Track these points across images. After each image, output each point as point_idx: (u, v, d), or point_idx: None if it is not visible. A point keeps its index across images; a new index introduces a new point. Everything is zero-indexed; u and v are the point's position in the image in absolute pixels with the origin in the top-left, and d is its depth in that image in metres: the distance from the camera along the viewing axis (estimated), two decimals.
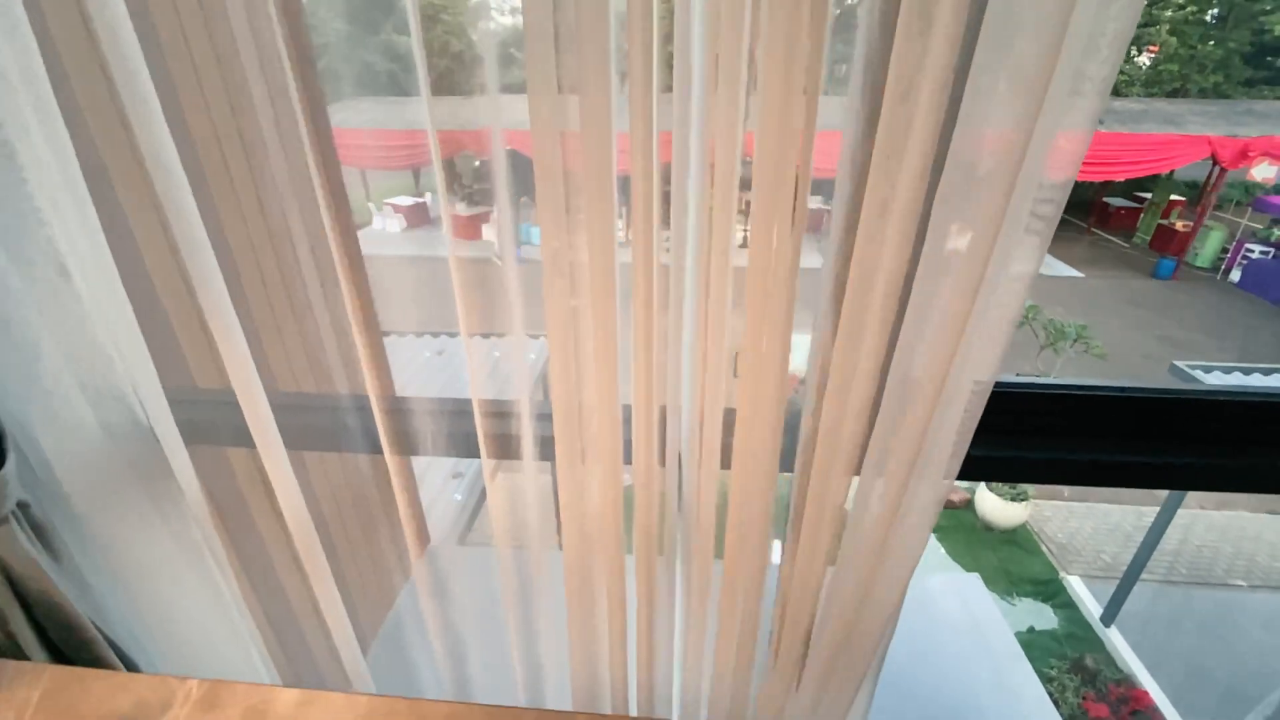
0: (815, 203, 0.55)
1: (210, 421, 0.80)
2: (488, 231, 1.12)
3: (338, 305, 0.91)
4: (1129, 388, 0.69)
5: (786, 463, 0.68)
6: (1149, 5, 11.62)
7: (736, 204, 0.55)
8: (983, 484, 5.12)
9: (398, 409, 0.74)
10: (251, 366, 0.71)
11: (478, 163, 0.87)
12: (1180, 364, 3.50)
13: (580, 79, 0.52)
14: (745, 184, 0.54)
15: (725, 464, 0.68)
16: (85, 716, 0.58)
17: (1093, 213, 11.95)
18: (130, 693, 0.60)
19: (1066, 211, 0.48)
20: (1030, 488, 5.06)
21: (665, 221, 0.58)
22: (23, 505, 0.71)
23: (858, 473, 0.67)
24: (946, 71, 0.47)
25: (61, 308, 0.70)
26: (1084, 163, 0.48)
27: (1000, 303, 0.53)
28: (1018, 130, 0.47)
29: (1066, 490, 5.46)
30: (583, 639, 0.80)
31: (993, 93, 0.48)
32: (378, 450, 0.75)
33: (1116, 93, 11.85)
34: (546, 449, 0.73)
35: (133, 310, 0.72)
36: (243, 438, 0.72)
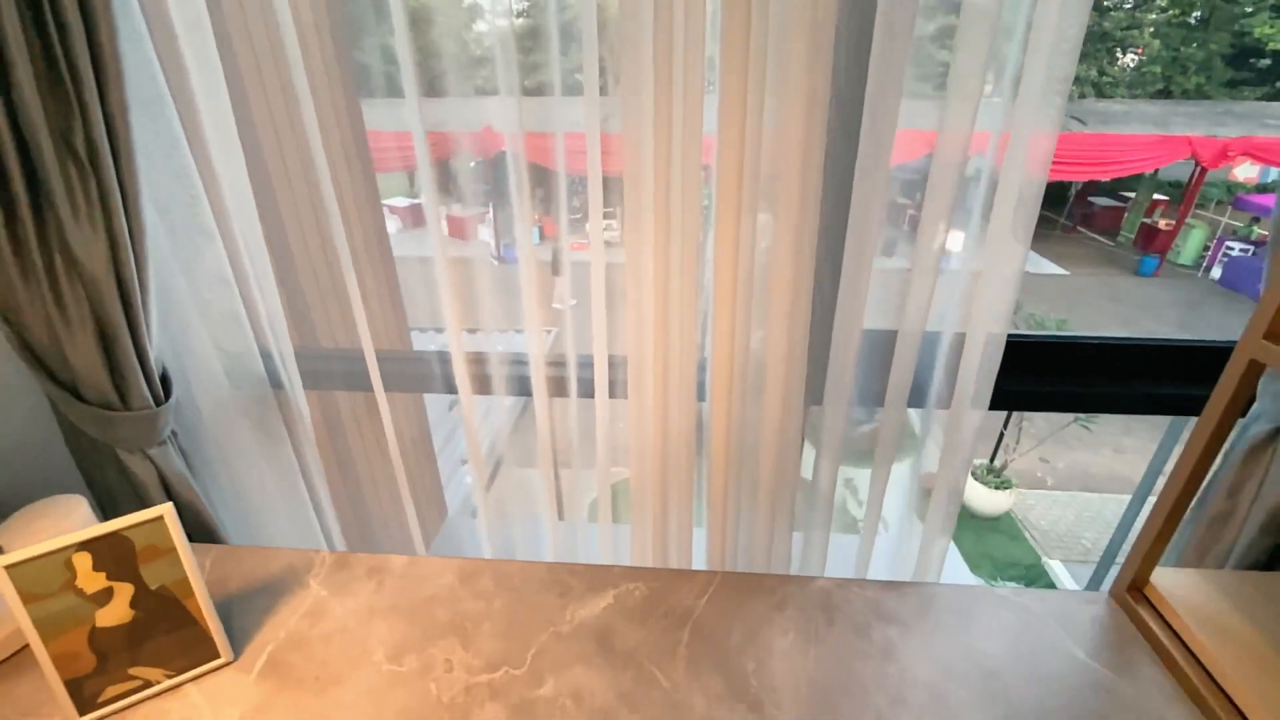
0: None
1: (326, 371, 1.01)
2: (484, 232, 1.16)
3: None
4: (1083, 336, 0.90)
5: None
6: (1133, 9, 11.89)
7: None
8: (970, 475, 5.36)
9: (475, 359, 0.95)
10: (365, 326, 0.91)
11: (473, 163, 1.03)
12: None
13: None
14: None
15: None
16: (250, 574, 0.77)
17: (1078, 212, 12.18)
18: (279, 560, 0.80)
19: (1052, 210, 0.71)
20: (1014, 477, 5.31)
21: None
22: (174, 433, 0.91)
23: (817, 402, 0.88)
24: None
25: (205, 270, 0.90)
26: (1070, 163, 0.71)
27: (1002, 272, 0.73)
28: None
29: (1050, 479, 5.71)
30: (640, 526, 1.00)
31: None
32: (453, 390, 0.95)
33: (1101, 94, 12.09)
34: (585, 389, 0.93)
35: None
36: (356, 382, 0.93)
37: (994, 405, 0.85)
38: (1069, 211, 12.08)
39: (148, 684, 0.63)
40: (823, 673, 0.65)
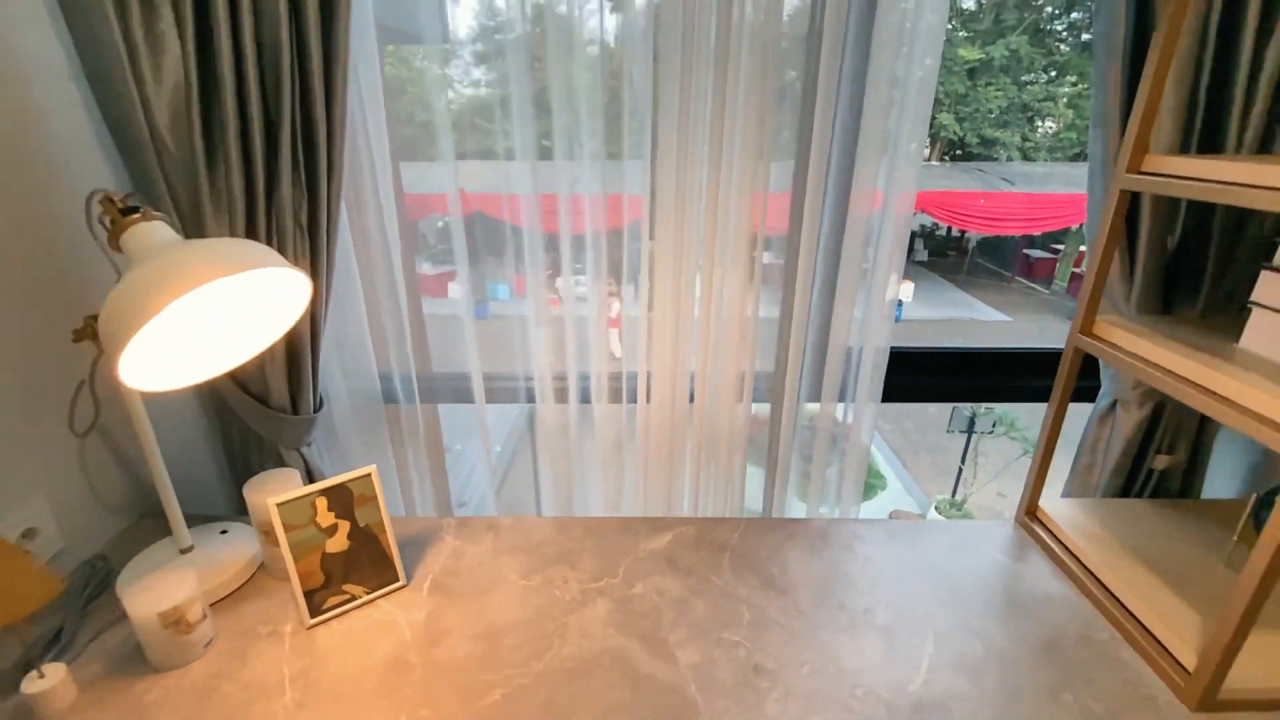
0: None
1: (435, 389, 1.29)
2: (454, 289, 1.25)
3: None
4: (962, 347, 1.25)
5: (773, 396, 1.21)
6: (1048, 83, 13.36)
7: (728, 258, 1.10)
8: (933, 505, 5.76)
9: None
10: (476, 351, 1.21)
11: (441, 223, 1.21)
12: None
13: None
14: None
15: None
16: (398, 533, 1.03)
17: (1016, 264, 13.23)
18: (413, 526, 1.06)
19: (995, 263, 1.07)
20: (974, 510, 5.72)
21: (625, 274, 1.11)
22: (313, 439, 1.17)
23: (816, 399, 1.21)
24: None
25: (340, 310, 1.18)
26: (1004, 220, 1.06)
27: (883, 298, 1.08)
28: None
29: (1006, 511, 6.13)
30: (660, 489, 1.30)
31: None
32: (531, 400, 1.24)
33: (1026, 157, 13.43)
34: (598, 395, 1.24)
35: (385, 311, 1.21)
36: (461, 396, 1.22)
37: (886, 399, 1.21)
38: (1010, 263, 13.11)
39: (353, 598, 0.88)
40: (825, 571, 0.94)
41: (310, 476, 1.13)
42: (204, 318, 0.79)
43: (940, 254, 14.52)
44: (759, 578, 0.93)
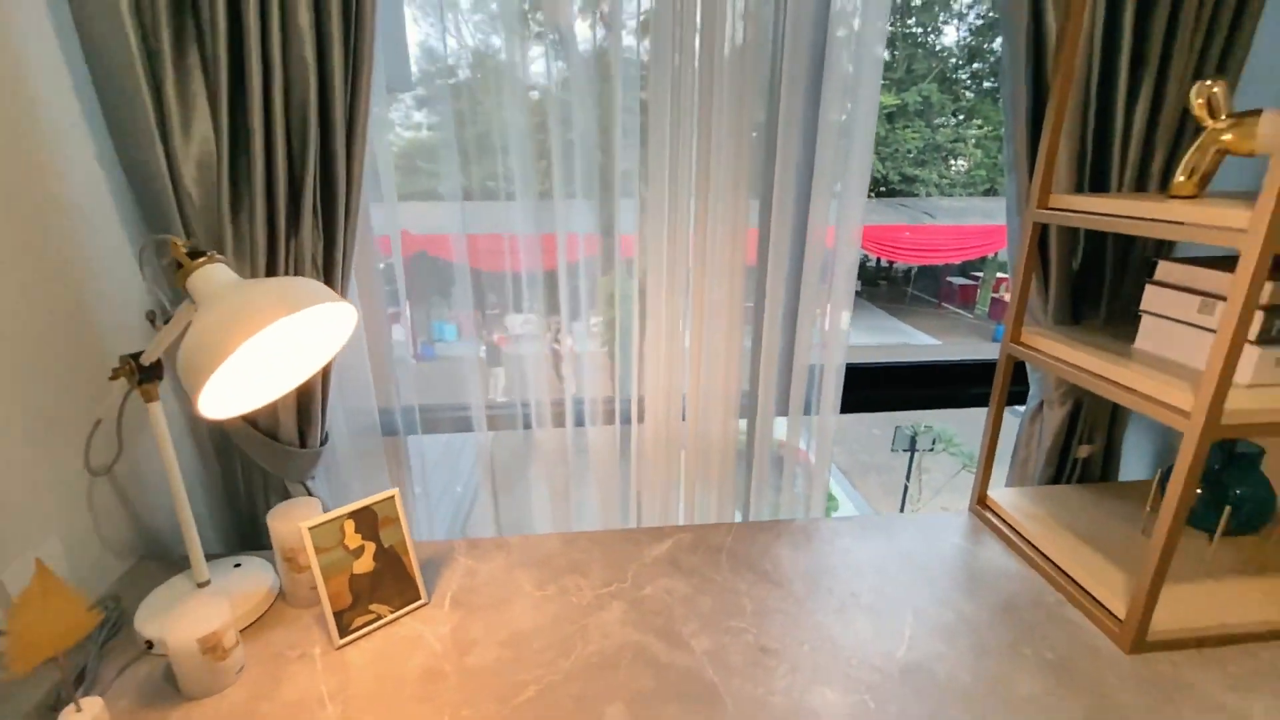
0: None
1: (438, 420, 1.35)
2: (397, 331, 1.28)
3: None
4: (908, 361, 1.41)
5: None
6: (957, 125, 14.61)
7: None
8: None
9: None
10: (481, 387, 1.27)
11: (381, 265, 1.24)
12: None
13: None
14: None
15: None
16: None
17: (942, 291, 14.15)
18: (425, 550, 1.10)
19: (923, 290, 1.21)
20: None
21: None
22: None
23: (784, 413, 1.33)
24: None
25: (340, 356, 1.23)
26: (928, 250, 1.20)
27: (839, 322, 1.22)
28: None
29: None
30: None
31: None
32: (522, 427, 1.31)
33: (943, 193, 14.56)
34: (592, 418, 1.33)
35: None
36: (461, 425, 1.28)
37: (851, 409, 1.35)
38: (936, 291, 14.00)
39: (379, 617, 0.92)
40: (812, 564, 1.05)
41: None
42: (260, 350, 0.84)
43: (872, 284, 15.38)
44: (755, 573, 1.03)
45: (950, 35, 13.36)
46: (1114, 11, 1.02)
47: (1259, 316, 0.79)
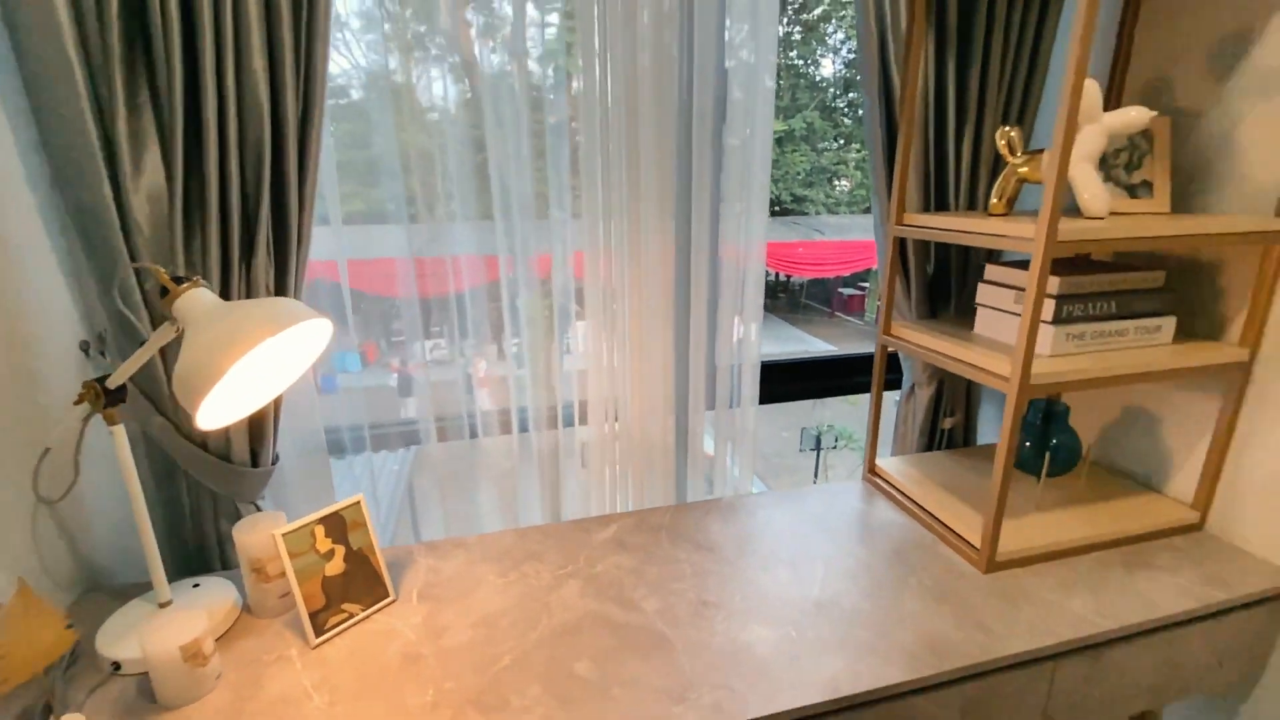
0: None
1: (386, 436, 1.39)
2: None
3: None
4: (807, 356, 1.63)
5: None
6: (839, 149, 15.99)
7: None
8: None
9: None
10: (431, 399, 1.34)
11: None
12: None
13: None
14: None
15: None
16: None
17: (834, 301, 15.26)
18: (385, 555, 1.16)
19: (816, 300, 1.40)
20: None
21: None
22: None
23: (711, 408, 1.51)
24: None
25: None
26: (820, 264, 1.41)
27: (752, 326, 1.41)
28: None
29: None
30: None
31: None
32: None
33: (831, 212, 15.83)
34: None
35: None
36: (409, 439, 1.34)
37: (763, 401, 1.56)
38: (828, 301, 15.07)
39: (351, 615, 0.98)
40: (738, 532, 1.22)
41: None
42: (248, 366, 0.88)
43: (772, 295, 16.33)
44: (691, 544, 1.18)
45: (827, 68, 14.63)
46: (941, 72, 1.29)
47: (1051, 303, 1.05)
